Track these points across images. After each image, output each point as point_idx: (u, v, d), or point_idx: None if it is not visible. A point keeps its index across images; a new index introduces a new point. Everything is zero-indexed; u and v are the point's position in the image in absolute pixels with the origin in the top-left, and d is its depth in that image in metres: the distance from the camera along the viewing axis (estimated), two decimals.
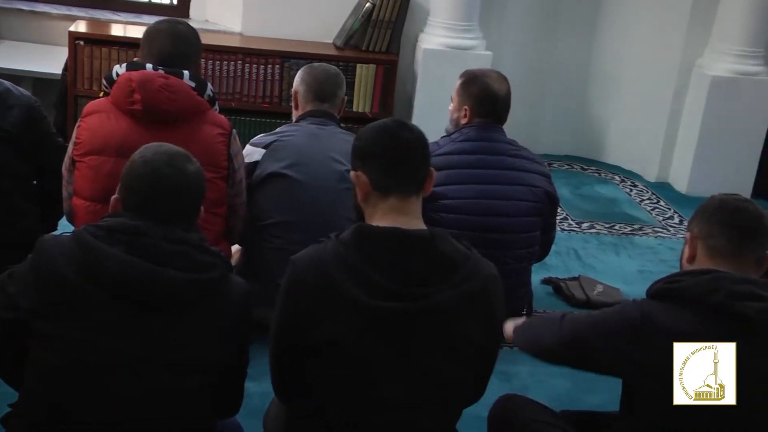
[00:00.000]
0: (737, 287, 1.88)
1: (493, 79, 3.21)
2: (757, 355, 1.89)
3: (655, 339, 1.90)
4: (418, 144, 1.94)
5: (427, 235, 1.86)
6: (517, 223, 3.18)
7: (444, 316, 1.82)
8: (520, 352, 3.21)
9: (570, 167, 5.56)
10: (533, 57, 5.44)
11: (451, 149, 3.16)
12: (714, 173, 5.12)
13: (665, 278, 2.01)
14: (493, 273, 1.92)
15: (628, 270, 4.11)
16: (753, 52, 5.02)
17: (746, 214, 2.00)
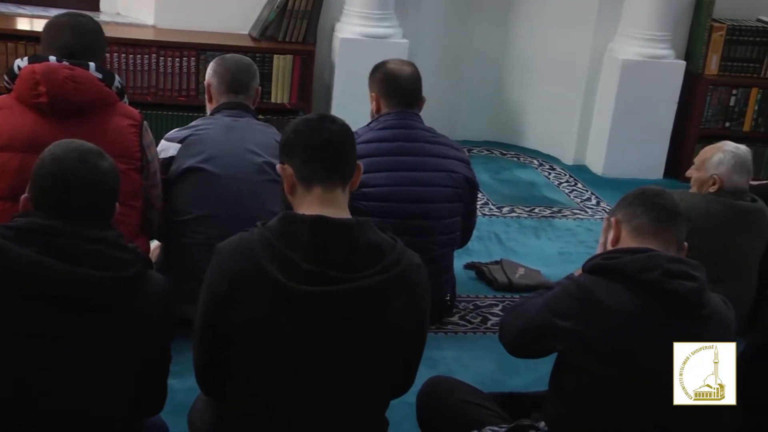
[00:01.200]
0: (672, 266, 1.95)
1: (394, 62, 3.27)
2: (689, 334, 1.94)
3: (594, 312, 1.95)
4: (341, 136, 1.95)
5: (353, 223, 1.88)
6: (438, 209, 3.21)
7: (367, 302, 1.84)
8: (444, 338, 3.28)
9: (489, 153, 5.63)
10: (449, 44, 5.48)
11: (370, 137, 3.17)
12: (628, 155, 5.25)
13: (602, 254, 2.07)
14: (417, 261, 1.94)
15: (548, 252, 4.18)
16: (660, 36, 5.15)
17: (665, 197, 2.11)
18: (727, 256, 3.21)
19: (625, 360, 1.92)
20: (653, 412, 1.93)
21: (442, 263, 3.30)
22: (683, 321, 1.95)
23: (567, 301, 2.01)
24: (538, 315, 2.08)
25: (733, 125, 5.36)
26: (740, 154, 3.23)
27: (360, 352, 1.86)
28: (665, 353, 1.93)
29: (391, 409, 2.08)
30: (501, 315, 3.46)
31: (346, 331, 1.84)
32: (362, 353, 1.86)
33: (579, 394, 1.98)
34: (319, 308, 1.82)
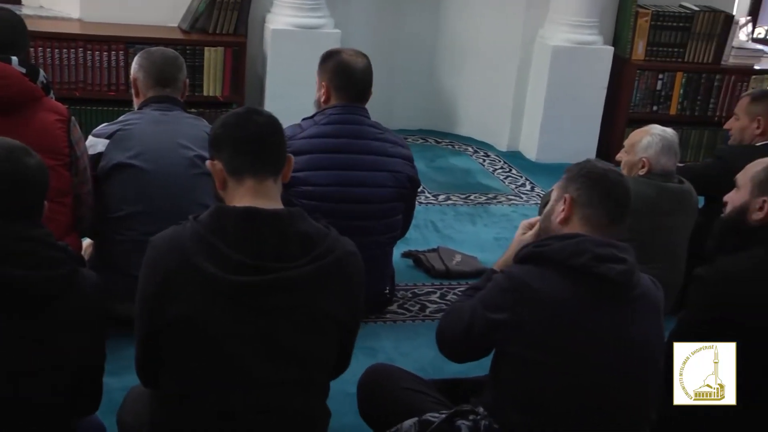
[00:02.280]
0: (600, 250, 1.97)
1: (348, 54, 3.21)
2: (620, 316, 1.98)
3: (528, 301, 1.96)
4: (269, 127, 1.94)
5: (284, 213, 1.87)
6: (379, 209, 3.20)
7: (300, 291, 1.84)
8: (383, 327, 3.29)
9: (424, 141, 5.65)
10: (382, 33, 5.48)
11: (314, 132, 3.13)
12: (560, 140, 5.32)
13: (533, 242, 2.09)
14: (351, 249, 1.94)
15: (484, 238, 4.22)
16: (588, 22, 5.24)
17: (623, 189, 2.11)
18: (658, 237, 3.28)
19: (561, 346, 1.95)
20: (589, 397, 1.95)
21: (382, 260, 3.31)
22: (614, 303, 1.98)
23: (500, 295, 2.02)
24: (474, 315, 2.08)
25: (660, 109, 5.48)
26: (667, 137, 3.30)
27: (294, 342, 1.86)
28: (598, 336, 1.96)
29: (331, 399, 2.08)
30: (439, 303, 3.50)
31: (280, 321, 1.84)
32: (297, 344, 1.86)
33: (517, 382, 2.00)
34: (252, 299, 1.81)
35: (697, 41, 5.40)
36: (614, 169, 2.19)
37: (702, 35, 5.39)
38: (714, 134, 5.48)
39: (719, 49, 5.43)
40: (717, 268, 2.29)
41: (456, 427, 2.03)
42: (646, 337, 2.01)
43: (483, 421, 2.01)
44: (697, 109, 5.52)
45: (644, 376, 2.02)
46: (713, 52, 5.44)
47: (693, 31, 5.37)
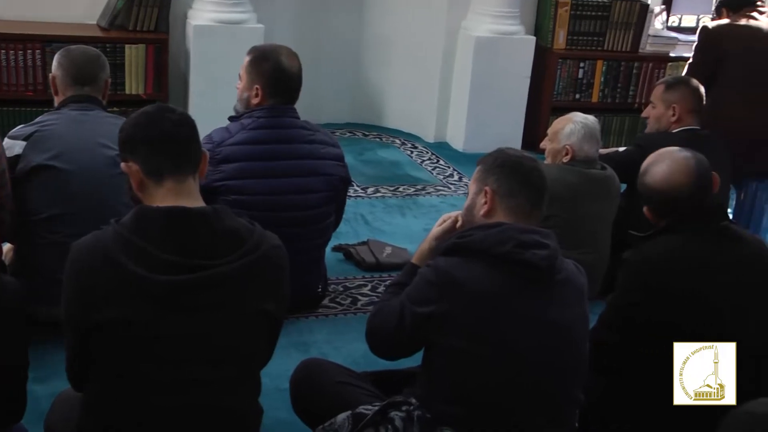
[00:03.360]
0: (524, 237, 2.00)
1: (284, 56, 3.14)
2: (543, 302, 2.00)
3: (455, 293, 1.97)
4: (183, 125, 1.92)
5: (209, 211, 1.86)
6: (313, 215, 3.18)
7: (231, 287, 1.83)
8: (315, 321, 3.28)
9: (352, 134, 5.65)
10: (306, 27, 5.45)
11: (244, 138, 3.07)
12: (486, 129, 5.38)
13: (457, 234, 2.10)
14: (277, 243, 1.94)
15: (414, 230, 4.25)
16: (510, 13, 5.31)
17: (539, 173, 2.13)
18: (583, 223, 3.34)
19: (488, 335, 1.96)
20: (517, 382, 1.98)
21: (315, 261, 3.31)
22: (538, 289, 2.01)
23: (427, 288, 2.03)
24: (403, 312, 2.07)
25: (582, 97, 5.58)
26: (589, 124, 3.37)
27: (227, 339, 1.84)
28: (523, 322, 1.98)
29: (264, 395, 2.07)
30: (370, 295, 3.51)
31: (212, 319, 1.82)
32: (229, 341, 1.85)
33: (447, 372, 2.01)
34: (182, 298, 1.79)
35: (616, 30, 5.52)
36: (526, 154, 2.22)
37: (620, 24, 5.51)
38: (634, 120, 5.60)
39: (636, 38, 5.56)
40: (640, 251, 2.35)
41: (389, 419, 2.03)
42: (570, 321, 2.05)
43: (416, 412, 2.01)
44: (618, 96, 5.64)
45: (570, 359, 2.05)
46: (631, 40, 5.56)
47: (611, 20, 5.49)
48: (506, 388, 1.97)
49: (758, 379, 2.14)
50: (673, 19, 5.97)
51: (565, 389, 2.06)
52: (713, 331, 2.21)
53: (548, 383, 2.00)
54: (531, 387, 1.98)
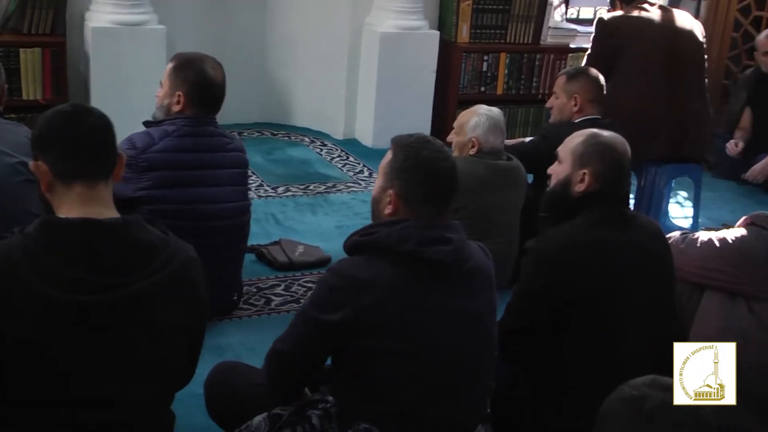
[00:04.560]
0: (426, 234, 1.98)
1: (209, 65, 3.07)
2: (452, 294, 2.01)
3: (362, 294, 1.94)
4: (101, 128, 1.84)
5: (120, 223, 1.78)
6: (235, 224, 3.15)
7: (146, 303, 1.76)
8: (229, 324, 3.25)
9: (260, 134, 5.61)
10: (208, 27, 5.38)
11: (169, 146, 2.98)
12: (395, 125, 5.34)
13: (360, 231, 2.06)
14: (192, 255, 1.89)
15: (326, 227, 4.24)
16: (413, 8, 5.35)
17: (448, 180, 2.04)
18: (491, 213, 3.40)
19: (398, 331, 1.95)
20: (429, 376, 1.98)
21: (234, 270, 3.28)
22: (446, 282, 2.00)
23: (331, 294, 1.98)
24: (307, 325, 2.01)
25: (487, 89, 5.66)
26: (493, 116, 3.42)
27: (143, 358, 1.79)
28: (433, 316, 1.98)
29: (179, 401, 2.04)
30: (284, 295, 3.49)
31: (127, 338, 1.76)
32: (146, 359, 1.79)
33: (362, 371, 1.99)
34: (94, 318, 1.72)
35: (517, 23, 5.62)
36: (442, 151, 2.08)
37: (521, 17, 5.61)
38: (539, 111, 5.70)
39: (537, 30, 5.68)
40: (543, 239, 2.39)
41: (306, 417, 2.02)
42: (480, 309, 2.06)
43: (333, 409, 2.01)
44: (522, 87, 5.74)
45: (482, 347, 2.07)
46: (532, 33, 5.68)
47: (512, 13, 5.59)
48: (421, 381, 1.97)
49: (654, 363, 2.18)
50: (572, 12, 6.11)
51: (478, 378, 2.08)
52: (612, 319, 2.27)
53: (462, 373, 2.02)
54: (445, 378, 1.99)
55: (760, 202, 4.96)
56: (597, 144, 2.40)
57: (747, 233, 2.62)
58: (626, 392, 1.43)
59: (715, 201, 4.98)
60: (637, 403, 1.40)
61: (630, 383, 1.46)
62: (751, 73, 5.38)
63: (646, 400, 1.39)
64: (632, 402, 1.41)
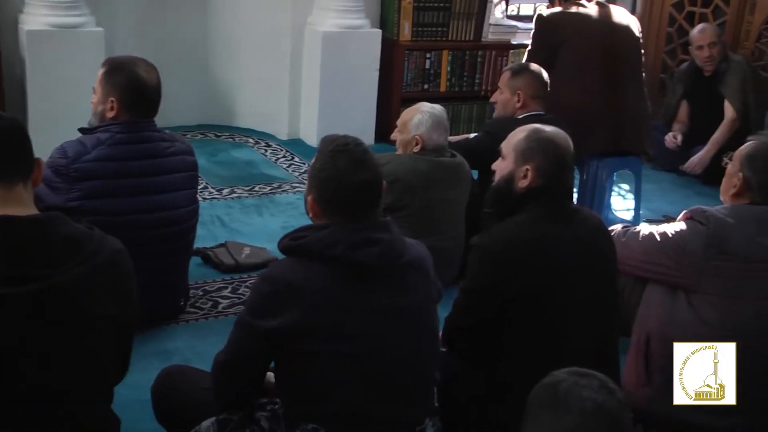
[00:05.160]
0: (354, 237, 1.97)
1: (141, 67, 3.00)
2: (385, 294, 2.01)
3: (297, 298, 1.94)
4: (12, 130, 1.86)
5: (43, 219, 1.81)
6: (180, 230, 3.11)
7: (72, 296, 1.78)
8: (176, 328, 3.22)
9: (204, 136, 5.57)
10: (148, 30, 5.32)
11: (102, 155, 2.90)
12: (339, 124, 5.32)
13: (290, 234, 2.05)
14: (119, 247, 1.91)
15: (272, 228, 4.22)
16: (354, 7, 5.35)
17: (357, 188, 2.00)
18: (437, 210, 3.43)
19: (340, 332, 1.95)
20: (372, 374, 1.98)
21: (181, 276, 3.25)
22: (381, 280, 2.00)
23: (265, 300, 1.97)
24: (245, 333, 2.00)
25: (431, 87, 5.69)
26: (436, 113, 3.44)
27: (73, 351, 1.79)
28: (370, 315, 1.98)
29: (126, 407, 2.03)
30: (231, 297, 3.47)
31: (55, 331, 1.77)
32: (76, 352, 1.80)
33: (304, 373, 1.98)
34: (21, 311, 1.73)
35: (458, 20, 5.66)
36: (362, 160, 2.04)
37: (462, 14, 5.65)
38: (482, 107, 5.76)
39: (478, 27, 5.73)
40: (488, 235, 2.41)
41: (255, 420, 2.02)
42: (419, 304, 2.07)
43: (281, 410, 2.01)
44: (465, 84, 5.79)
45: (423, 341, 2.08)
46: (473, 30, 5.72)
47: (453, 10, 5.62)
48: (362, 380, 1.97)
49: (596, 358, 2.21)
50: (512, 8, 6.18)
51: (422, 372, 2.09)
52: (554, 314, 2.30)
53: (404, 369, 2.02)
54: (387, 375, 2.00)
55: (698, 192, 5.06)
56: (539, 140, 2.41)
57: (686, 228, 2.68)
58: (546, 379, 1.54)
59: (655, 193, 5.07)
60: (553, 386, 1.50)
61: (552, 372, 1.55)
62: (686, 67, 5.49)
63: (562, 383, 1.50)
64: (549, 386, 1.51)
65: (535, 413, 1.51)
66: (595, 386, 1.48)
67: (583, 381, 1.49)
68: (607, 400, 1.47)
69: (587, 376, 1.51)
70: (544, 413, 1.49)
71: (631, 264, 2.76)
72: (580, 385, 1.48)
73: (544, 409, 1.50)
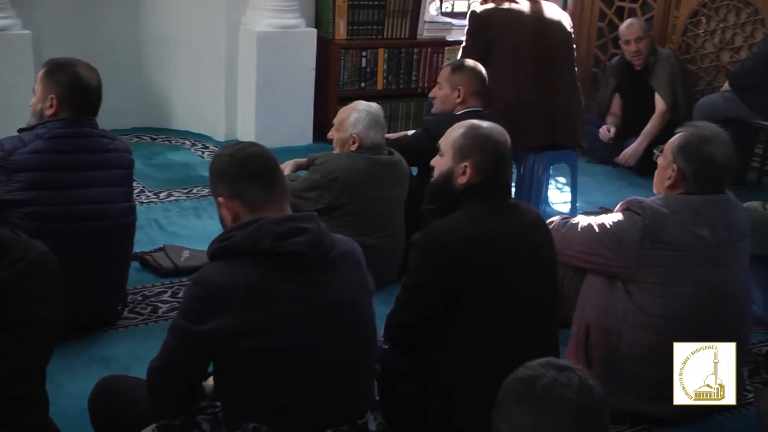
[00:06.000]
0: (280, 228, 1.97)
1: (82, 67, 2.99)
2: (318, 285, 2.01)
3: (230, 299, 1.93)
4: None
5: None
6: (115, 225, 3.06)
7: (3, 298, 1.76)
8: (115, 334, 3.17)
9: (139, 139, 5.48)
10: (79, 33, 5.21)
11: (39, 147, 2.88)
12: (277, 124, 5.38)
13: (219, 237, 2.04)
14: (45, 249, 1.90)
15: (211, 230, 4.16)
16: (289, 6, 5.32)
17: (260, 159, 2.07)
18: (377, 208, 3.43)
19: (276, 329, 1.94)
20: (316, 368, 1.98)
21: (119, 277, 3.19)
22: (312, 272, 2.00)
23: (199, 304, 1.96)
24: (180, 339, 1.99)
25: (368, 85, 5.69)
26: (373, 111, 3.45)
27: (7, 354, 1.77)
28: (303, 308, 1.97)
29: (65, 417, 1.99)
30: (171, 301, 3.43)
31: None
32: (9, 356, 1.77)
33: (242, 372, 1.97)
34: None
35: (394, 18, 5.67)
36: (245, 145, 2.15)
37: (397, 12, 5.66)
38: (419, 105, 5.77)
39: (414, 25, 5.74)
40: (429, 232, 2.42)
41: (196, 423, 2.00)
42: (352, 295, 2.07)
43: (221, 413, 1.99)
44: (402, 82, 5.79)
45: (358, 332, 2.08)
46: (409, 27, 5.73)
47: (388, 8, 5.62)
48: (299, 374, 1.97)
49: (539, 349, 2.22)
50: (446, 5, 6.23)
51: (359, 363, 2.09)
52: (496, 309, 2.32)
53: (340, 361, 2.02)
54: (324, 368, 1.99)
55: (633, 184, 5.16)
56: (477, 136, 2.43)
57: (623, 218, 2.73)
58: (522, 372, 1.49)
59: (591, 185, 5.15)
60: (531, 381, 1.45)
61: (527, 364, 1.51)
62: (617, 61, 5.59)
63: (539, 379, 1.44)
64: (526, 381, 1.46)
65: (510, 409, 1.45)
66: (575, 385, 1.43)
67: (563, 378, 1.43)
68: (588, 401, 1.42)
69: (566, 371, 1.45)
70: (521, 410, 1.43)
71: (570, 255, 2.80)
72: (559, 383, 1.43)
73: (520, 405, 1.44)
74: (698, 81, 5.70)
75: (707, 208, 2.69)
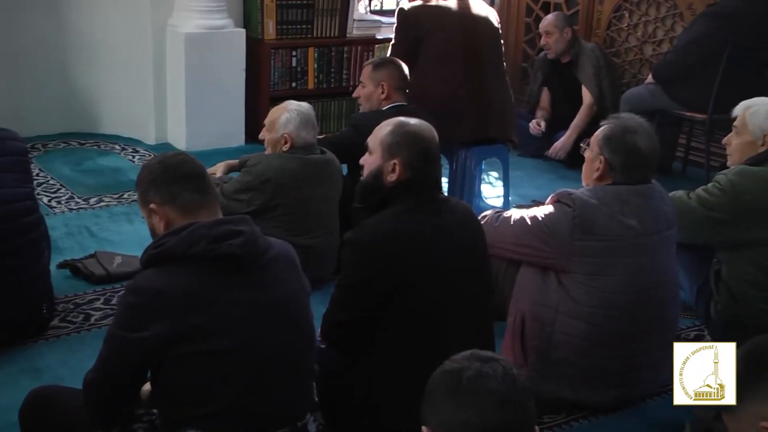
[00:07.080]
0: (214, 231, 1.96)
1: None
2: (253, 288, 2.00)
3: (163, 306, 1.90)
4: None
5: None
6: (21, 225, 2.99)
7: None
8: (46, 344, 3.10)
9: (67, 144, 5.37)
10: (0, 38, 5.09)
11: None
12: (208, 126, 5.32)
13: (152, 244, 2.02)
14: None
15: (143, 235, 4.02)
16: (216, 7, 5.27)
17: (191, 163, 2.09)
18: (310, 208, 3.43)
19: (210, 332, 1.92)
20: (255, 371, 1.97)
21: (33, 276, 3.10)
22: (248, 275, 1.99)
23: (134, 312, 1.93)
24: (117, 347, 1.96)
25: (299, 84, 5.67)
26: (303, 111, 3.44)
27: None
28: (239, 312, 1.96)
29: None
30: (104, 308, 3.36)
31: None
32: None
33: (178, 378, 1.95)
34: None
35: (323, 17, 5.65)
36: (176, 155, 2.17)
37: (325, 11, 5.65)
38: (351, 103, 5.73)
39: (343, 23, 5.74)
40: (360, 230, 2.42)
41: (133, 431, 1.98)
42: (288, 297, 2.07)
43: (158, 420, 1.97)
44: (332, 81, 5.79)
45: (293, 334, 2.07)
46: (338, 26, 5.73)
47: (317, 7, 5.61)
48: (236, 377, 1.96)
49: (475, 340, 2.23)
50: (375, 3, 6.24)
51: (298, 365, 2.09)
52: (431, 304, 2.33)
53: (278, 363, 2.01)
54: (261, 370, 1.99)
55: (563, 176, 5.24)
56: (404, 133, 2.44)
57: (554, 210, 2.77)
58: (447, 365, 1.50)
59: (522, 179, 5.22)
60: (456, 374, 1.46)
61: (452, 358, 1.52)
62: (544, 56, 5.67)
63: (464, 371, 1.45)
64: (452, 373, 1.47)
65: (437, 401, 1.46)
66: (499, 374, 1.44)
67: (487, 368, 1.45)
68: (512, 390, 1.43)
69: (490, 362, 1.46)
70: (448, 402, 1.44)
71: (503, 248, 2.84)
72: (483, 374, 1.44)
73: (446, 398, 1.45)
74: (623, 74, 5.82)
75: (635, 198, 2.75)
